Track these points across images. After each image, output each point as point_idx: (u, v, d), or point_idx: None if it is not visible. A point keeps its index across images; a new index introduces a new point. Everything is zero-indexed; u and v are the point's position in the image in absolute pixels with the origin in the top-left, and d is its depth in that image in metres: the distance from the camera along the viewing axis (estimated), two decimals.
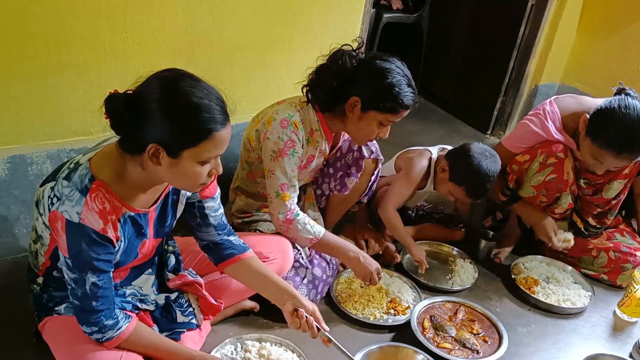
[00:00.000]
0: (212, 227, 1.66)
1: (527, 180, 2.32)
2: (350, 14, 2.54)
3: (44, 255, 1.49)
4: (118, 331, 1.43)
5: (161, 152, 1.29)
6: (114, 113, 1.28)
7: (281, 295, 1.63)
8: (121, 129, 1.31)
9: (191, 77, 1.33)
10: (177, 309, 1.69)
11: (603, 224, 2.43)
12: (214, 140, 1.31)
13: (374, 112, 1.85)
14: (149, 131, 1.27)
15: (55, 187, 1.34)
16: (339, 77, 1.84)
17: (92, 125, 2.04)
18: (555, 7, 3.47)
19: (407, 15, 4.13)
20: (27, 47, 1.81)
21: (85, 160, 1.37)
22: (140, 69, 2.03)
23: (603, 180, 2.33)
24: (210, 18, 2.13)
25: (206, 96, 1.30)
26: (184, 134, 1.29)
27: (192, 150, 1.30)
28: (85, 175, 1.33)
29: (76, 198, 1.30)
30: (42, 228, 1.43)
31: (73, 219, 1.30)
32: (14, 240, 2.06)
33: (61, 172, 1.38)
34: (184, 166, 1.32)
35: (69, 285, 1.39)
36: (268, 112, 1.94)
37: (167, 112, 1.27)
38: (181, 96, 1.28)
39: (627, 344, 2.10)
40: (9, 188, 1.97)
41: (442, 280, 2.29)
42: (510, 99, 3.76)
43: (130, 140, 1.32)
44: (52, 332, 1.53)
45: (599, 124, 2.08)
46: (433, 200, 2.81)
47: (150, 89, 1.29)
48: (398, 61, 1.87)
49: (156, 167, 1.33)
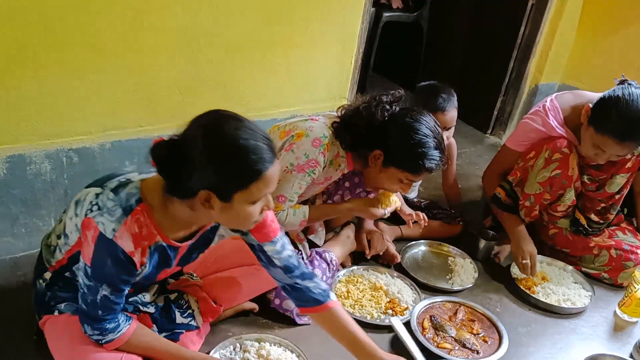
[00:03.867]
0: (280, 269, 1.57)
1: (532, 177, 2.31)
2: (349, 13, 2.53)
3: (63, 253, 1.47)
4: (119, 333, 1.43)
5: (212, 197, 1.28)
6: (160, 161, 1.28)
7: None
8: (169, 175, 1.30)
9: (234, 117, 1.31)
10: (176, 310, 1.69)
11: (606, 219, 2.42)
12: (264, 180, 1.30)
13: (394, 168, 1.84)
14: (198, 178, 1.26)
15: (100, 196, 1.33)
16: (368, 126, 1.83)
17: (91, 124, 2.04)
18: (556, 7, 3.47)
19: (407, 14, 4.13)
20: (25, 46, 1.80)
21: (137, 180, 1.37)
22: (139, 68, 2.04)
23: (606, 176, 2.33)
24: (210, 18, 2.12)
25: (252, 136, 1.27)
26: (234, 178, 1.28)
27: (243, 192, 1.29)
28: (133, 195, 1.32)
29: (117, 215, 1.30)
30: (73, 229, 1.40)
31: (107, 234, 1.29)
32: (13, 240, 2.06)
33: (111, 181, 1.37)
34: (236, 208, 1.32)
35: (81, 289, 1.38)
36: (299, 126, 1.91)
37: (215, 159, 1.25)
38: (227, 141, 1.26)
39: (628, 344, 2.10)
40: (7, 188, 1.96)
41: (442, 280, 2.29)
42: (510, 98, 3.76)
43: (179, 187, 1.30)
44: (52, 331, 1.53)
45: (603, 112, 2.08)
46: (431, 197, 2.82)
47: (194, 137, 1.26)
48: (432, 121, 1.84)
49: (208, 211, 1.32)
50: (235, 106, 2.38)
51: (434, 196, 2.85)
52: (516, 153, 2.40)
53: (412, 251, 2.44)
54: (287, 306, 1.92)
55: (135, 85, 2.07)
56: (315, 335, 1.88)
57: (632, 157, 2.30)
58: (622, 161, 2.30)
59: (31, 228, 2.08)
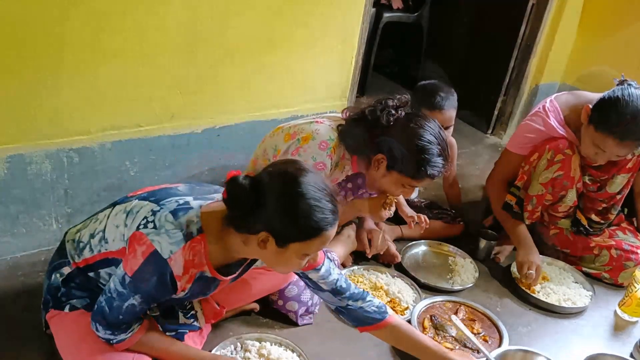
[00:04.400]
0: (328, 293, 1.61)
1: (534, 178, 2.30)
2: (350, 13, 2.53)
3: (94, 253, 1.48)
4: (130, 333, 1.43)
5: (270, 240, 1.34)
6: (236, 197, 1.32)
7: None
8: (237, 210, 1.34)
9: (311, 171, 1.37)
10: (179, 311, 1.69)
11: (607, 219, 2.42)
12: (322, 239, 1.35)
13: (397, 173, 1.85)
14: (263, 218, 1.32)
15: (158, 215, 1.35)
16: (373, 130, 1.83)
17: (91, 124, 2.04)
18: (556, 7, 3.46)
19: (408, 15, 4.13)
20: (26, 46, 1.80)
21: (197, 207, 1.39)
22: (139, 69, 2.04)
23: (607, 176, 2.33)
24: (209, 17, 2.12)
25: (323, 196, 1.33)
26: (296, 230, 1.33)
27: (300, 244, 1.35)
28: (195, 224, 1.36)
29: (177, 239, 1.32)
30: (117, 237, 1.42)
31: (163, 253, 1.31)
32: (14, 240, 2.06)
33: (167, 201, 1.39)
34: (287, 256, 1.38)
35: (108, 293, 1.38)
36: (305, 129, 1.91)
37: (285, 207, 1.31)
38: (300, 195, 1.30)
39: (628, 344, 2.10)
40: (8, 188, 1.96)
41: (442, 280, 2.29)
42: (510, 98, 3.76)
43: (243, 222, 1.35)
44: (60, 327, 1.53)
45: (602, 112, 2.08)
46: (431, 197, 2.82)
47: (272, 181, 1.33)
48: (436, 127, 1.85)
49: (260, 250, 1.36)
50: (235, 106, 2.39)
51: (434, 196, 2.86)
52: (519, 156, 2.39)
53: (412, 251, 2.44)
54: (290, 307, 1.91)
55: (135, 86, 2.07)
56: (315, 335, 1.88)
57: (632, 158, 2.30)
58: (622, 161, 2.30)
59: (31, 228, 2.08)
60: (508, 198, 2.40)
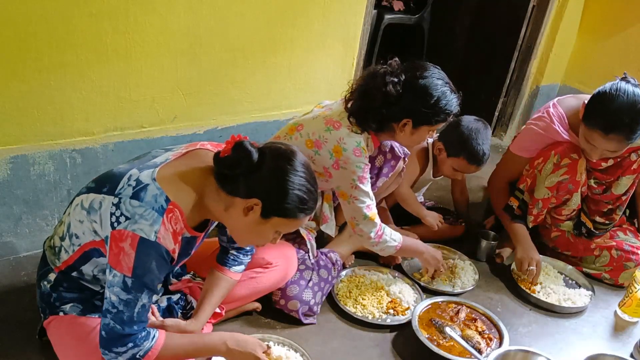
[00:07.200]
0: (226, 237, 1.71)
1: (540, 182, 2.31)
2: (351, 15, 2.55)
3: (70, 253, 1.46)
4: (153, 340, 1.38)
5: (257, 209, 1.38)
6: (239, 158, 1.35)
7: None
8: (236, 172, 1.36)
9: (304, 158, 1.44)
10: (179, 311, 1.69)
11: (612, 220, 2.42)
12: (298, 222, 1.45)
13: (425, 126, 1.91)
14: (259, 188, 1.36)
15: (122, 205, 1.31)
16: (386, 104, 1.86)
17: (94, 125, 2.05)
18: (557, 8, 3.47)
19: (409, 16, 4.13)
20: (29, 47, 1.81)
21: (149, 180, 1.35)
22: (142, 70, 2.05)
23: (612, 179, 2.34)
24: (212, 19, 2.13)
25: (312, 185, 1.42)
26: (285, 206, 1.38)
27: (280, 220, 1.41)
28: (159, 196, 1.33)
29: (153, 217, 1.30)
30: (86, 230, 1.40)
31: (150, 237, 1.30)
32: (17, 240, 2.07)
33: (121, 188, 1.34)
34: (265, 229, 1.43)
35: (114, 308, 1.32)
36: (328, 138, 1.89)
37: (280, 182, 1.37)
38: (294, 174, 1.38)
39: (628, 344, 2.10)
40: (11, 188, 1.98)
41: (443, 282, 2.28)
42: (511, 99, 3.76)
43: (235, 184, 1.38)
44: (57, 332, 1.53)
45: (590, 106, 2.10)
46: (434, 198, 2.82)
47: (273, 155, 1.39)
48: (434, 69, 1.92)
49: (239, 216, 1.40)
50: (237, 107, 2.40)
51: (435, 197, 2.86)
52: (521, 159, 2.40)
53: None
54: (292, 307, 1.92)
55: (138, 87, 2.08)
56: (317, 335, 1.89)
57: (637, 159, 2.29)
58: (628, 163, 2.29)
59: (34, 228, 2.09)
60: (511, 200, 2.41)
